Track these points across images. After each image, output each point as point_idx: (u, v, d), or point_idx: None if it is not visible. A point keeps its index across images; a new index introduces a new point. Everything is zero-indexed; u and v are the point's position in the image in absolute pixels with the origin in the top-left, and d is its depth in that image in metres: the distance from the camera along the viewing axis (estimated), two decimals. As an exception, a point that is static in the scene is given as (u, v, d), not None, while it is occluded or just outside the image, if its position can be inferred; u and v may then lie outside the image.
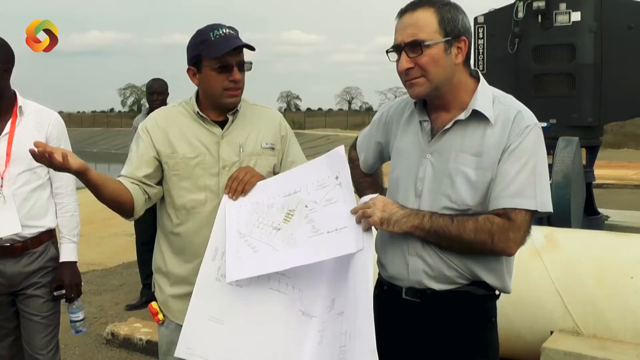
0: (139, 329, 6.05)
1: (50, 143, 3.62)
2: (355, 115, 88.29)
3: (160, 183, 3.08)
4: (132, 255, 9.46)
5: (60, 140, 3.71)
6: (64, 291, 3.72)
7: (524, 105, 2.55)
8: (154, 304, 3.16)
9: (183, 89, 3.21)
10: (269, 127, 3.19)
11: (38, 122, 3.67)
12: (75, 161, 2.61)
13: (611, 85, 7.57)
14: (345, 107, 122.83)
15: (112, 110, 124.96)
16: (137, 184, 2.98)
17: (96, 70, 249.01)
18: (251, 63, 3.08)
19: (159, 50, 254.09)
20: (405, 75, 2.53)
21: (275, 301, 2.73)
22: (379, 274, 2.78)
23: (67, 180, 3.76)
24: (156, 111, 3.20)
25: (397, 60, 2.53)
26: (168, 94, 7.25)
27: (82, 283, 3.89)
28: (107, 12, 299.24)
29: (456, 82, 2.53)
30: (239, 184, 2.92)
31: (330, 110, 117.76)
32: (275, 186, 2.88)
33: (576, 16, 7.55)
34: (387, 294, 2.70)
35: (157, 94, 7.14)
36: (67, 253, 3.77)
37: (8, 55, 3.57)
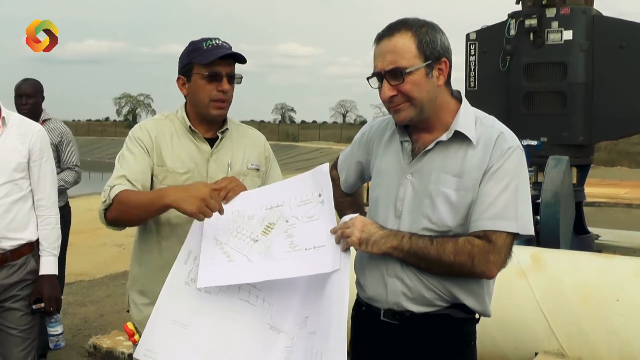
0: (122, 342, 5.96)
1: (32, 155, 3.61)
2: (349, 129, 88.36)
3: None
4: (121, 267, 9.44)
5: (43, 152, 3.69)
6: (43, 305, 3.67)
7: (506, 127, 2.53)
8: (129, 324, 3.06)
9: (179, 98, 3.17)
10: (254, 147, 3.18)
11: (21, 133, 3.63)
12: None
13: (602, 104, 7.61)
14: (340, 120, 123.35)
15: (107, 119, 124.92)
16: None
17: (92, 78, 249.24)
18: (241, 77, 3.05)
19: (155, 60, 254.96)
20: (389, 103, 2.50)
21: (243, 312, 2.68)
22: (358, 294, 2.74)
23: (49, 193, 3.73)
24: (145, 122, 3.14)
25: (379, 87, 2.50)
26: (43, 98, 5.95)
27: (68, 294, 3.83)
28: (104, 20, 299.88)
29: (439, 103, 2.50)
30: (222, 190, 2.87)
31: (324, 122, 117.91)
32: (258, 198, 2.84)
33: (568, 35, 7.58)
34: (365, 315, 2.67)
35: (26, 96, 5.79)
36: (47, 266, 3.71)
37: None
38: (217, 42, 3.00)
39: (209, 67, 2.94)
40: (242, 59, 3.02)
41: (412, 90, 2.44)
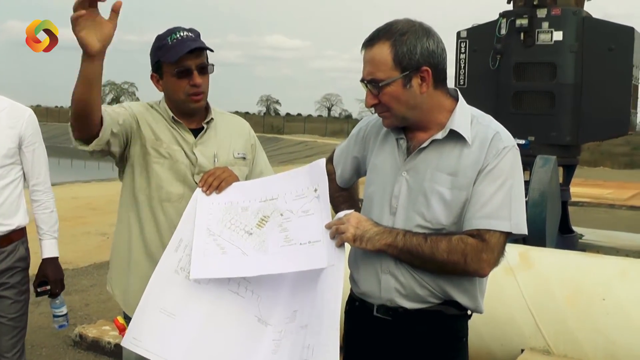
0: (108, 332, 5.98)
1: (24, 141, 3.60)
2: (334, 122, 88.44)
3: (121, 154, 3.00)
4: (105, 256, 9.38)
5: (34, 137, 3.67)
6: (48, 287, 3.70)
7: (502, 126, 2.54)
8: (119, 318, 3.08)
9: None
10: (239, 136, 3.17)
11: (11, 118, 3.60)
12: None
13: (590, 105, 7.67)
14: (325, 113, 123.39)
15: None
16: (115, 121, 2.85)
17: (76, 65, 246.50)
18: (213, 66, 3.03)
19: (141, 48, 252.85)
20: (374, 110, 2.56)
21: (232, 303, 2.68)
22: (351, 289, 2.75)
23: (44, 177, 3.72)
24: (135, 103, 3.13)
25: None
26: None
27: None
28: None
29: (428, 106, 2.50)
30: (215, 180, 2.87)
31: (309, 116, 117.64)
32: (253, 190, 2.85)
33: (558, 35, 7.63)
34: (358, 310, 2.69)
35: None
36: (49, 249, 3.73)
37: None
38: (182, 34, 2.94)
39: (177, 64, 2.91)
40: (207, 49, 2.99)
41: (389, 102, 2.47)
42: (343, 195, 2.97)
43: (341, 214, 2.56)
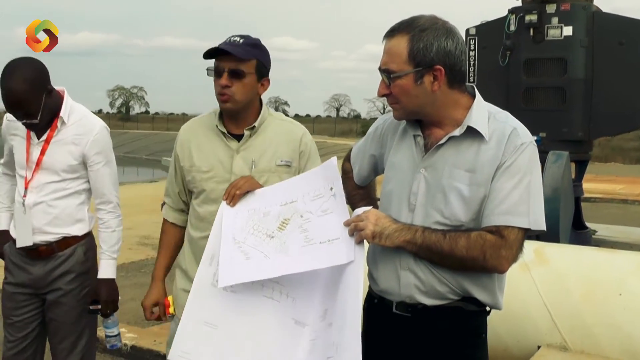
0: (124, 334, 5.96)
1: (88, 160, 3.60)
2: (343, 123, 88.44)
3: None
4: (125, 257, 9.39)
5: (99, 156, 3.61)
6: (99, 306, 3.65)
7: (519, 122, 2.54)
8: (170, 297, 3.31)
9: (174, 91, 3.22)
10: (288, 143, 3.17)
11: (78, 134, 3.56)
12: None
13: (601, 100, 7.63)
14: (334, 114, 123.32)
15: (100, 111, 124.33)
16: (184, 212, 3.35)
17: (85, 70, 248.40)
18: (244, 72, 3.02)
19: (149, 52, 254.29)
20: (385, 99, 2.58)
21: (269, 309, 2.72)
22: (370, 287, 2.76)
23: (109, 197, 3.69)
24: (188, 122, 3.32)
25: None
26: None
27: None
28: (98, 12, 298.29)
29: (441, 104, 2.51)
30: (239, 191, 2.92)
31: (318, 116, 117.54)
32: (273, 195, 2.88)
33: (568, 31, 7.61)
34: (377, 308, 2.69)
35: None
36: (106, 270, 3.67)
37: (48, 75, 3.49)
38: (231, 38, 3.05)
39: (215, 63, 3.03)
40: (231, 53, 2.99)
41: (399, 94, 2.49)
42: (360, 193, 2.98)
43: (359, 210, 2.58)
